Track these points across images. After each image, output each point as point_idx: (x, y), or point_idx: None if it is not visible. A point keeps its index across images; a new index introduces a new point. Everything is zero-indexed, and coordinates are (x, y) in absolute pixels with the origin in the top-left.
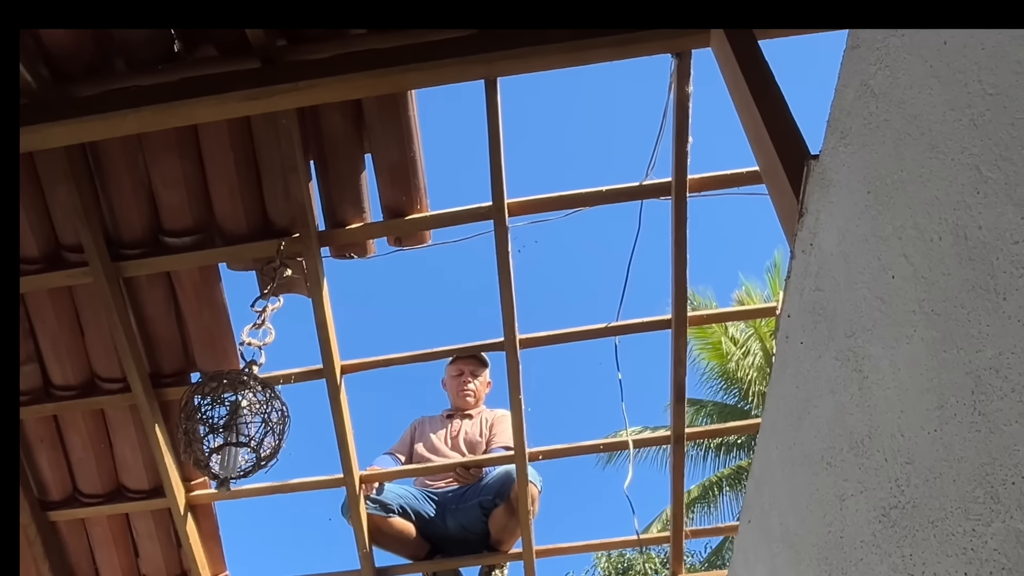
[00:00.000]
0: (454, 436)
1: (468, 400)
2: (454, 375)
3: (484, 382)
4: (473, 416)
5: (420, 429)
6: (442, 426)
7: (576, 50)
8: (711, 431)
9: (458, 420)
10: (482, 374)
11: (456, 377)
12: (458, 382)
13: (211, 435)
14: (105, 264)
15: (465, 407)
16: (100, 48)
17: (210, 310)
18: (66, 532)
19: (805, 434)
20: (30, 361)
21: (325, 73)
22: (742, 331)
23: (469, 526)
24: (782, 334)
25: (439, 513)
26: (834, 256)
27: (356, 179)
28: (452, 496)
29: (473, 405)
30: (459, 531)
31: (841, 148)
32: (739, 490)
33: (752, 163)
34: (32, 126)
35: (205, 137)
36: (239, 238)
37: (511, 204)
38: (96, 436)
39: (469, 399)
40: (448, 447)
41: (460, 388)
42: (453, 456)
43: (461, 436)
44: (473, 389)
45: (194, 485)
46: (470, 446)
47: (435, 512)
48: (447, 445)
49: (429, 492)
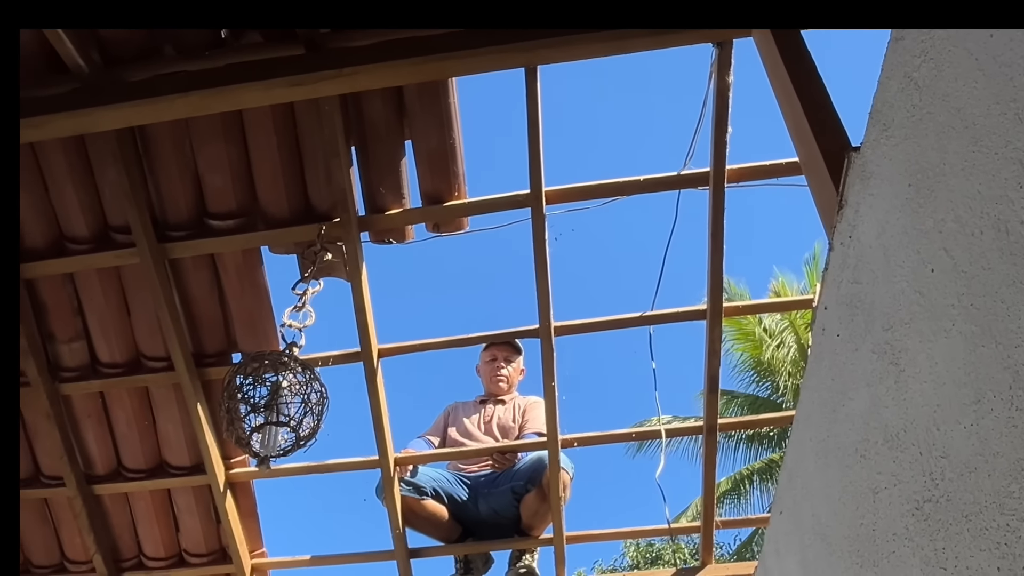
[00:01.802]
0: (487, 421)
1: (501, 385)
2: (487, 360)
3: (517, 368)
4: (506, 402)
5: (454, 414)
6: (475, 411)
7: (616, 39)
8: (744, 422)
9: (491, 405)
10: (515, 360)
11: (490, 363)
12: (491, 367)
13: (252, 414)
14: (152, 245)
15: (498, 392)
16: (150, 34)
17: (252, 292)
18: (110, 505)
19: (839, 426)
20: (78, 338)
21: (368, 60)
22: (776, 323)
23: (501, 510)
24: (818, 326)
25: (471, 497)
26: (873, 249)
27: (396, 165)
28: (484, 481)
29: (506, 391)
30: (491, 515)
31: (883, 140)
32: (769, 484)
33: (789, 153)
34: (83, 110)
35: (250, 122)
36: (281, 222)
37: (549, 192)
38: (140, 413)
39: (502, 384)
40: (481, 431)
41: (493, 373)
42: (486, 440)
43: (494, 421)
44: (506, 375)
45: (234, 463)
46: (503, 431)
47: (467, 496)
48: (480, 430)
49: (462, 476)
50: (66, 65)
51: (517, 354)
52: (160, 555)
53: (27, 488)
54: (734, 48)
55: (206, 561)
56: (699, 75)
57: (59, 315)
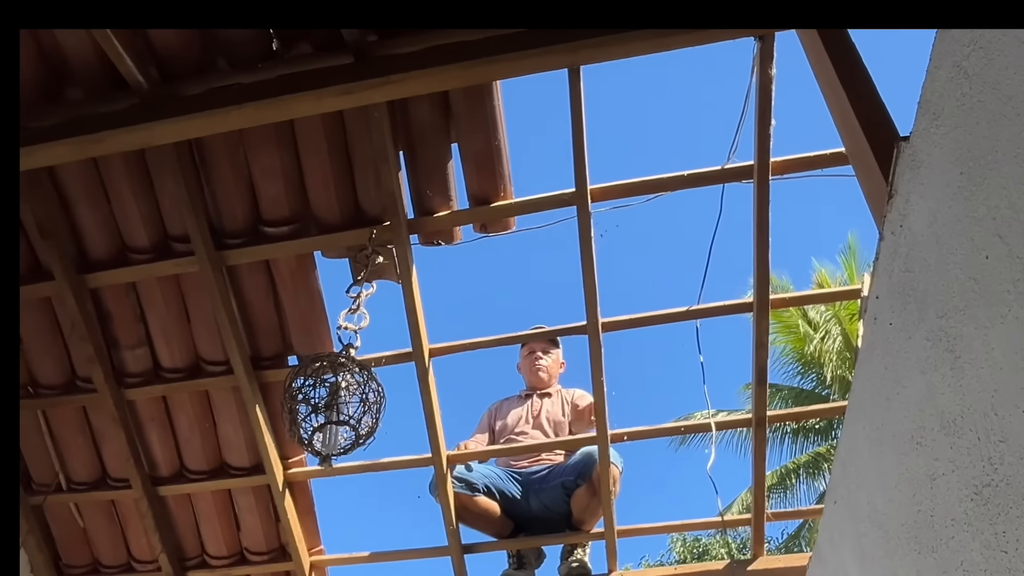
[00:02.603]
0: (535, 415)
1: (541, 376)
2: (526, 355)
3: (556, 361)
4: (552, 395)
5: (498, 411)
6: (520, 404)
7: (659, 36)
8: (793, 414)
9: (537, 399)
10: (553, 352)
11: (528, 356)
12: (530, 360)
13: (313, 415)
14: (210, 253)
15: (539, 384)
16: (204, 48)
17: (306, 296)
18: (174, 506)
19: (894, 414)
20: (141, 345)
21: (415, 66)
22: (821, 314)
23: (552, 506)
24: (870, 315)
25: (523, 493)
26: (925, 237)
27: (443, 168)
28: (535, 477)
29: (547, 382)
30: (542, 511)
31: (933, 129)
32: (815, 477)
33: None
34: (143, 124)
35: (301, 131)
36: (333, 227)
37: (594, 190)
38: (201, 416)
39: (542, 375)
40: (530, 426)
41: (532, 365)
42: (535, 434)
43: (543, 415)
44: (545, 365)
45: (292, 463)
46: (553, 424)
47: (519, 492)
48: (528, 424)
49: (513, 472)
50: (126, 82)
51: (554, 347)
52: (222, 554)
53: (95, 490)
54: (776, 39)
55: (266, 559)
56: (741, 68)
57: (123, 323)
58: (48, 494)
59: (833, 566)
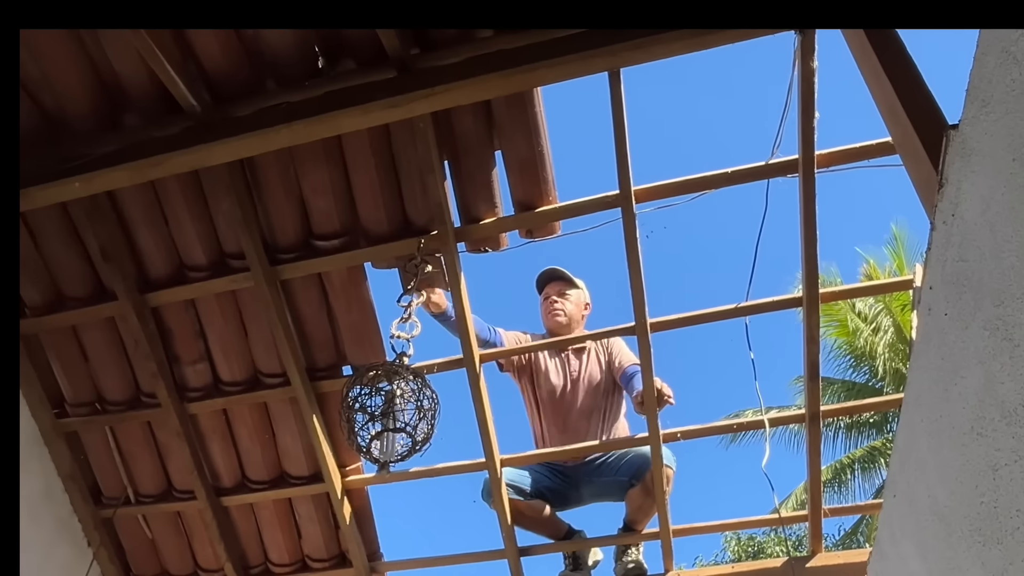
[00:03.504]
0: (574, 379)
1: (559, 320)
2: (542, 301)
3: (577, 302)
4: (585, 347)
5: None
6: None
7: (698, 35)
8: (847, 408)
9: (573, 357)
10: (570, 293)
11: (544, 302)
12: (546, 305)
13: (370, 423)
14: (265, 269)
15: (559, 329)
16: (253, 69)
17: (358, 307)
18: (237, 516)
19: (952, 405)
20: (201, 360)
21: (457, 77)
22: (871, 307)
23: (605, 492)
24: (924, 306)
25: (573, 484)
26: (978, 226)
27: (488, 176)
28: (586, 469)
29: (567, 326)
30: (595, 498)
31: (982, 116)
32: (871, 472)
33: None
34: (197, 146)
35: (348, 145)
36: (382, 238)
37: (637, 191)
38: (260, 427)
39: (560, 319)
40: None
41: (548, 309)
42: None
43: (582, 378)
44: (561, 308)
45: (349, 471)
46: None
47: (568, 485)
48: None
49: (559, 468)
50: (180, 106)
51: (571, 286)
52: (285, 561)
53: (162, 502)
54: (816, 32)
55: (327, 565)
56: (782, 62)
57: (183, 339)
58: (117, 507)
59: (894, 560)
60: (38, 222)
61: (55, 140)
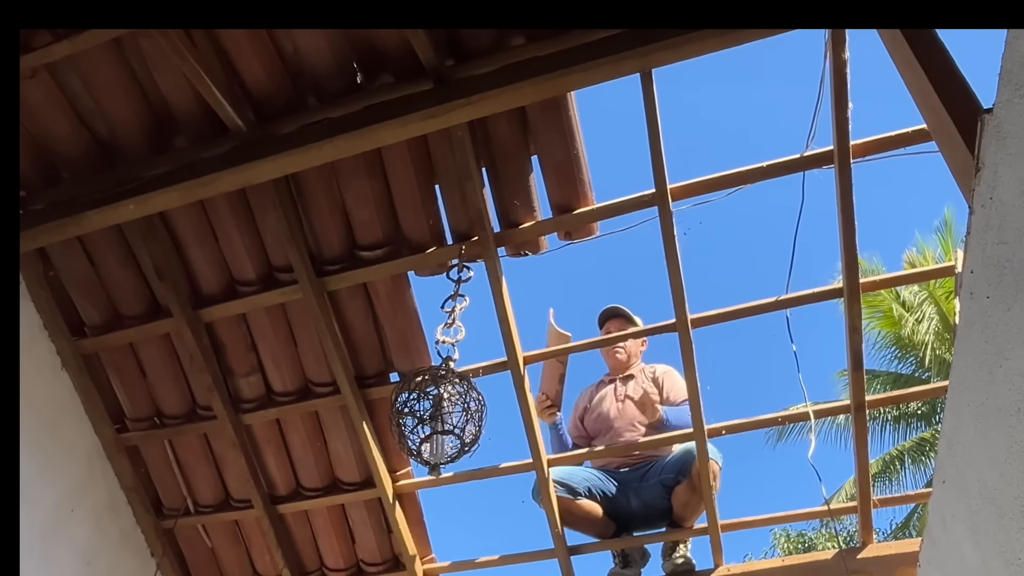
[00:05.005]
0: (621, 400)
1: (619, 357)
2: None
3: (636, 341)
4: (635, 375)
5: (581, 401)
6: (603, 390)
7: (728, 32)
8: (892, 398)
9: (620, 384)
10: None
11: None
12: (608, 348)
13: (420, 427)
14: (312, 281)
15: (619, 367)
16: (295, 88)
17: (403, 314)
18: (292, 523)
19: (999, 388)
20: (254, 372)
21: (492, 85)
22: (914, 295)
23: (652, 502)
24: (965, 291)
25: (622, 492)
26: (1017, 207)
27: (525, 180)
28: (633, 475)
29: (626, 362)
30: (642, 508)
31: (1016, 100)
32: (921, 463)
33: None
34: (244, 165)
35: (388, 157)
36: (424, 246)
37: (673, 189)
38: (312, 435)
39: (620, 357)
40: (615, 412)
41: (611, 349)
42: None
43: (627, 399)
44: (623, 346)
45: (400, 475)
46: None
47: (618, 491)
48: (615, 411)
49: (609, 472)
50: (226, 126)
51: (630, 324)
52: (340, 566)
53: (220, 512)
54: None
55: (381, 569)
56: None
57: (236, 352)
58: (178, 518)
59: (946, 546)
60: (95, 244)
61: (110, 165)
